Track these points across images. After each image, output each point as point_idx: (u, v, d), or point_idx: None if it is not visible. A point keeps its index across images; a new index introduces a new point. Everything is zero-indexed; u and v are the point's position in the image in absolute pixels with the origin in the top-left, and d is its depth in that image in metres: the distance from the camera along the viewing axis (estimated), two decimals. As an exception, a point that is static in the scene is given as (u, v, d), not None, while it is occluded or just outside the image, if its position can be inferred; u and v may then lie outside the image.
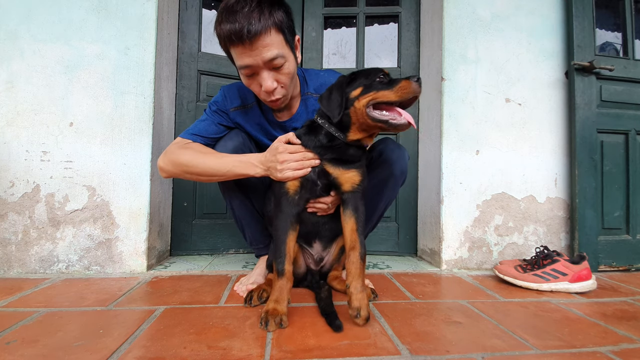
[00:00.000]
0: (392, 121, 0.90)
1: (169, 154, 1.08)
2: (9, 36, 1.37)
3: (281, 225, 0.98)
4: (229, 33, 0.91)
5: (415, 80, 0.88)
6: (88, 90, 1.40)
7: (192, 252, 1.73)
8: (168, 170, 1.09)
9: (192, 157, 1.05)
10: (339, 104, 0.93)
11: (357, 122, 0.94)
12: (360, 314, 0.89)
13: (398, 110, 0.91)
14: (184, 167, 1.05)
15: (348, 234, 0.98)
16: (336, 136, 0.96)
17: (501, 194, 1.59)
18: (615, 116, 1.65)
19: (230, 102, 1.16)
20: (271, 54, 0.94)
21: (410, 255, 1.84)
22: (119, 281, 1.27)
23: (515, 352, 0.77)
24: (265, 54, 0.93)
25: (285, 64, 0.99)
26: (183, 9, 1.74)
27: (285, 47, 0.98)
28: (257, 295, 1.05)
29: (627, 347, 0.81)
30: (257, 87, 1.02)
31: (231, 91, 1.17)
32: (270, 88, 0.99)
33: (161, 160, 1.09)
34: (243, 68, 0.97)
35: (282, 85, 1.02)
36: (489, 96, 1.60)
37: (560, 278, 1.23)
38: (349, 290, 0.91)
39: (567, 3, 1.63)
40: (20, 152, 1.35)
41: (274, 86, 0.99)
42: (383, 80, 0.92)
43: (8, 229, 1.33)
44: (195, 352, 0.74)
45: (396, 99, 0.89)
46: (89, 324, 0.88)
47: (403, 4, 1.90)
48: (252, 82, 1.02)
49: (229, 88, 1.18)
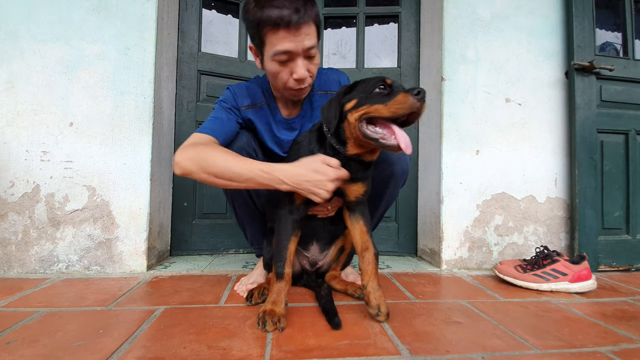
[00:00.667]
0: (381, 140, 0.84)
1: (190, 149, 0.97)
2: (9, 36, 1.37)
3: (284, 230, 0.98)
4: (274, 17, 0.90)
5: (414, 94, 0.79)
6: (88, 90, 1.40)
7: (192, 252, 1.73)
8: (185, 167, 0.96)
9: (216, 156, 0.95)
10: (334, 116, 0.89)
11: (352, 137, 0.90)
12: (381, 311, 0.91)
13: (393, 128, 0.84)
14: (205, 165, 0.94)
15: (358, 236, 1.00)
16: (337, 149, 0.93)
17: (501, 194, 1.59)
18: (615, 116, 1.65)
19: (240, 101, 1.14)
20: (310, 43, 0.96)
21: (410, 255, 1.84)
22: (119, 281, 1.26)
23: (515, 352, 0.77)
24: (306, 41, 0.95)
25: (317, 56, 1.02)
26: (183, 9, 1.74)
27: (316, 41, 1.00)
28: (258, 293, 1.05)
29: (627, 347, 0.81)
30: (286, 74, 1.00)
31: (240, 90, 1.15)
32: (303, 76, 0.99)
33: (180, 155, 0.97)
34: (280, 54, 0.95)
35: (310, 75, 1.03)
36: (489, 96, 1.60)
37: (560, 278, 1.23)
38: (366, 290, 0.93)
39: (567, 3, 1.63)
40: (20, 152, 1.35)
41: (306, 74, 1.00)
42: (383, 91, 0.85)
43: (8, 229, 1.33)
44: (195, 352, 0.74)
45: (389, 114, 0.82)
46: (89, 324, 0.88)
47: (403, 4, 1.90)
48: (283, 69, 1.00)
49: (238, 87, 1.16)
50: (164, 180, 1.58)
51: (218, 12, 1.87)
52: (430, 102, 1.73)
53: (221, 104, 1.12)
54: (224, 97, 1.14)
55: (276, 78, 1.03)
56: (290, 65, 0.99)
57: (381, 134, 0.85)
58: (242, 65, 1.81)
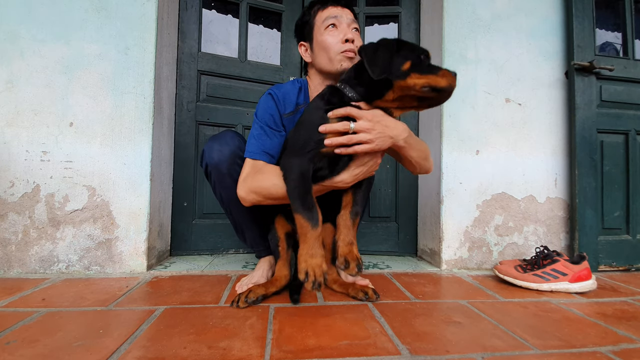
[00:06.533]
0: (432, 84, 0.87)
1: (249, 181, 1.02)
2: (9, 36, 1.37)
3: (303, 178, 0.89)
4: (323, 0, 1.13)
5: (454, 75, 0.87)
6: (88, 90, 1.40)
7: (192, 252, 1.73)
8: (252, 201, 1.02)
9: (273, 182, 0.97)
10: (386, 64, 0.87)
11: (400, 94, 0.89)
12: (349, 265, 0.82)
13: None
14: (267, 194, 0.99)
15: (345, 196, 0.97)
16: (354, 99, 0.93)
17: (501, 194, 1.59)
18: (615, 116, 1.65)
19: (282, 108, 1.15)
20: (353, 20, 1.14)
21: (410, 255, 1.84)
22: (119, 281, 1.26)
23: (515, 352, 0.77)
24: (350, 17, 1.13)
25: (357, 39, 1.13)
26: (183, 9, 1.74)
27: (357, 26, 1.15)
28: (245, 297, 1.02)
29: (627, 347, 0.81)
30: (337, 38, 1.10)
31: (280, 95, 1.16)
32: (351, 37, 1.10)
33: (241, 190, 1.03)
34: (331, 19, 1.11)
35: (355, 48, 1.11)
36: (489, 96, 1.61)
37: (560, 278, 1.23)
38: (337, 244, 0.87)
39: (567, 3, 1.63)
40: (20, 152, 1.35)
41: (353, 37, 1.10)
42: (426, 61, 0.90)
43: (8, 229, 1.33)
44: (195, 352, 0.74)
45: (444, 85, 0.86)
46: (89, 324, 0.88)
47: (403, 4, 1.90)
48: (333, 35, 1.11)
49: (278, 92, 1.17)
50: (164, 180, 1.58)
51: (218, 12, 1.87)
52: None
53: (264, 119, 1.12)
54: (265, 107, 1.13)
55: (327, 47, 1.11)
56: (339, 30, 1.11)
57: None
58: (242, 65, 1.81)
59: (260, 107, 1.14)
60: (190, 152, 1.73)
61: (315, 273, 0.81)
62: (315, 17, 1.13)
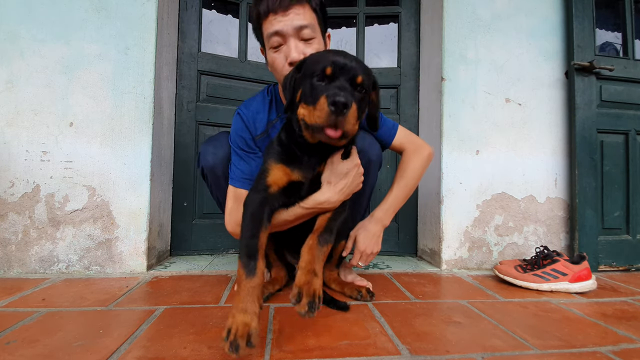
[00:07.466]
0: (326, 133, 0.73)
1: (234, 215, 0.98)
2: (9, 36, 1.37)
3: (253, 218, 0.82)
4: (264, 6, 0.95)
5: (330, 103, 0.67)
6: (88, 90, 1.40)
7: (192, 252, 1.73)
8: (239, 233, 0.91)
9: None
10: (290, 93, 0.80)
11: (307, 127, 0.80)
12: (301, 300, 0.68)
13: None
14: None
15: (319, 218, 0.91)
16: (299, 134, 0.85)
17: (501, 194, 1.59)
18: (615, 116, 1.65)
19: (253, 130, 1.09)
20: (301, 22, 0.95)
21: (410, 255, 1.84)
22: (119, 281, 1.26)
23: (515, 352, 0.77)
24: (296, 20, 0.95)
25: (315, 40, 0.98)
26: (183, 9, 1.74)
27: (316, 27, 0.97)
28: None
29: (627, 347, 0.81)
30: (282, 60, 0.98)
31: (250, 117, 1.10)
32: (295, 59, 0.94)
33: (229, 225, 1.02)
34: (272, 35, 0.96)
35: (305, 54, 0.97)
36: (489, 96, 1.61)
37: (560, 278, 1.23)
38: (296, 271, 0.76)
39: (567, 3, 1.63)
40: (20, 152, 1.35)
41: (299, 57, 0.93)
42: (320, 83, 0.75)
43: (8, 229, 1.33)
44: (195, 352, 0.74)
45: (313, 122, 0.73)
46: (89, 324, 0.88)
47: (403, 4, 1.90)
48: (277, 55, 0.98)
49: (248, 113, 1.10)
50: (164, 180, 1.58)
51: (218, 12, 1.87)
52: (430, 102, 1.73)
53: (236, 143, 1.07)
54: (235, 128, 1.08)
55: (274, 69, 1.01)
56: (284, 50, 0.97)
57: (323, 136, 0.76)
58: (242, 65, 1.81)
59: (232, 130, 1.09)
60: (190, 152, 1.73)
61: (237, 333, 0.65)
62: (262, 28, 1.00)
